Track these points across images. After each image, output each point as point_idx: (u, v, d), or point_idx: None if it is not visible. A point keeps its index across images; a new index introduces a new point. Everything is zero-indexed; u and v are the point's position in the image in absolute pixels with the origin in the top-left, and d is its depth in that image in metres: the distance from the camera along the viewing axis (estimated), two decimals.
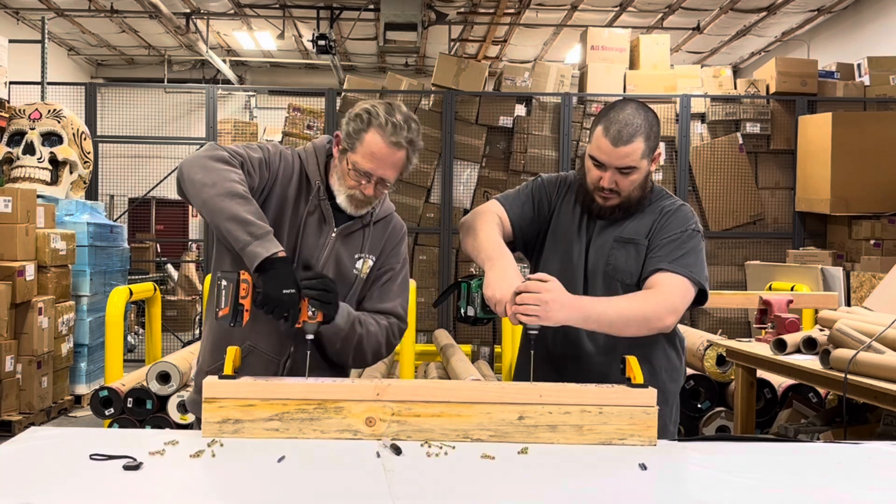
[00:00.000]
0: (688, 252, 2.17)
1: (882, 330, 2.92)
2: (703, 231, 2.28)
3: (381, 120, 2.08)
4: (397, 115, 2.10)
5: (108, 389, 4.26)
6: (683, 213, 2.26)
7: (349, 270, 2.22)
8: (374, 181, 2.11)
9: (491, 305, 2.06)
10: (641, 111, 2.18)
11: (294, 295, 1.94)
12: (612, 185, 2.17)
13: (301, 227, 2.17)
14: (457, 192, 7.71)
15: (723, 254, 7.76)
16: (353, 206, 2.16)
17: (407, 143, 2.10)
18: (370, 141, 2.08)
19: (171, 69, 13.69)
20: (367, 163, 2.09)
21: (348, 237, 2.22)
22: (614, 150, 2.13)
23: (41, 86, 7.58)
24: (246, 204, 1.99)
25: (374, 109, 2.11)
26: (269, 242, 1.95)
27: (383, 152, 2.08)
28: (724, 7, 10.02)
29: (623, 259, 2.22)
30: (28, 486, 1.54)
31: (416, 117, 2.16)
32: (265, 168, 2.16)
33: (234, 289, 1.92)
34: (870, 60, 7.99)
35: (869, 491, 1.63)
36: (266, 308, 1.94)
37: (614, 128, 2.13)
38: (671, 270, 2.13)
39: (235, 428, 1.87)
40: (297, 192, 2.20)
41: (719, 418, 4.20)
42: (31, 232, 5.72)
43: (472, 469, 1.70)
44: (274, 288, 1.92)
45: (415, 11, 9.21)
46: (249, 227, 1.95)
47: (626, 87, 7.85)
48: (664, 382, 2.25)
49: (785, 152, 7.75)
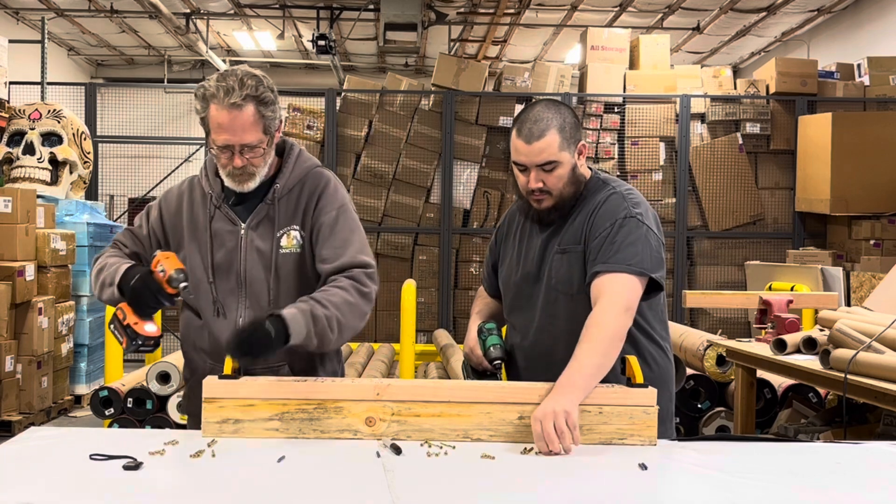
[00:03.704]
0: (622, 244, 2.06)
1: (882, 330, 2.92)
2: (644, 212, 2.14)
3: (213, 90, 2.04)
4: (229, 79, 2.05)
5: (108, 389, 4.26)
6: (612, 203, 2.14)
7: (271, 254, 2.15)
8: (237, 150, 2.06)
9: (472, 361, 2.31)
10: (552, 106, 2.15)
11: (141, 275, 2.04)
12: (538, 185, 2.12)
13: (210, 239, 2.17)
14: (457, 192, 7.71)
15: (723, 254, 7.76)
16: (236, 184, 2.12)
17: (246, 100, 2.03)
18: (213, 115, 2.05)
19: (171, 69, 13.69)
20: (220, 136, 2.05)
21: (259, 225, 2.17)
22: (528, 147, 2.10)
23: (41, 86, 7.58)
24: (101, 274, 2.15)
25: (207, 83, 2.08)
26: (116, 275, 2.09)
27: (227, 119, 2.03)
28: (724, 7, 10.02)
29: (562, 269, 2.16)
30: (28, 486, 1.54)
31: (257, 72, 2.10)
32: (140, 229, 2.27)
33: (118, 322, 2.05)
34: (870, 60, 7.98)
35: (869, 491, 1.63)
36: (140, 305, 2.03)
37: (525, 127, 2.12)
38: (607, 271, 2.05)
39: (235, 428, 1.87)
40: (193, 211, 2.21)
41: (719, 418, 4.20)
42: (31, 232, 5.72)
43: (472, 469, 1.70)
44: (127, 290, 2.05)
45: (415, 11, 9.21)
46: (107, 283, 2.11)
47: (626, 87, 7.85)
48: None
49: (785, 152, 7.75)
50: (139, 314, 2.02)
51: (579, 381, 1.90)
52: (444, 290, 7.61)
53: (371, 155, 7.65)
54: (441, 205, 7.69)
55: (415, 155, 7.67)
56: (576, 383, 1.89)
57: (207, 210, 2.19)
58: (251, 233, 2.17)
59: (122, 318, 2.02)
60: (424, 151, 7.68)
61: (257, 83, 2.06)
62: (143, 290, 2.01)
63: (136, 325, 2.00)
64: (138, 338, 2.01)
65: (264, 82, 2.09)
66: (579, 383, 1.89)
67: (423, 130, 7.69)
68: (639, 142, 7.72)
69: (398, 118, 7.67)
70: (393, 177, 7.67)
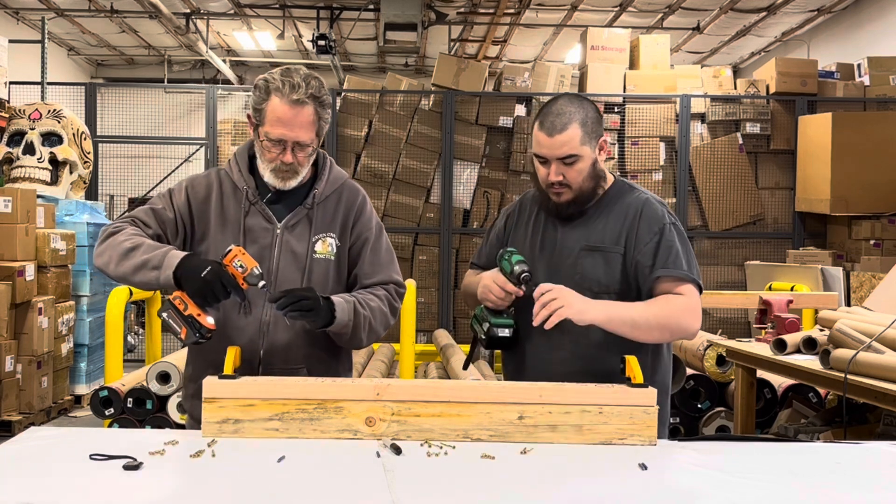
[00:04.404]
0: (675, 252, 2.15)
1: (882, 330, 2.92)
2: (677, 219, 2.25)
3: (278, 83, 2.07)
4: (294, 76, 2.09)
5: (108, 389, 4.26)
6: (652, 209, 2.21)
7: (306, 257, 2.18)
8: (290, 146, 2.09)
9: (488, 300, 2.18)
10: (575, 101, 2.19)
11: (213, 267, 1.97)
12: (559, 178, 2.15)
13: (243, 234, 2.16)
14: (457, 192, 7.71)
15: (723, 254, 7.76)
16: (278, 180, 2.14)
17: (309, 98, 2.08)
18: (273, 107, 2.07)
19: (171, 69, 13.68)
20: (275, 129, 2.08)
21: (295, 227, 2.19)
22: (550, 140, 2.13)
23: (41, 86, 7.57)
24: (137, 251, 2.05)
25: (270, 76, 2.11)
26: (170, 259, 2.01)
27: (288, 114, 2.07)
28: (724, 7, 10.01)
29: (591, 267, 2.18)
30: (28, 486, 1.54)
31: (318, 75, 2.15)
32: (164, 212, 2.19)
33: (175, 310, 1.97)
34: (870, 60, 7.98)
35: (869, 491, 1.64)
36: (206, 297, 1.96)
37: (548, 119, 2.15)
38: (672, 276, 2.13)
39: (235, 428, 1.87)
40: (223, 205, 2.19)
41: (719, 418, 4.20)
42: (31, 232, 5.72)
43: (472, 469, 1.70)
44: (193, 279, 1.96)
45: (415, 11, 9.20)
46: (150, 264, 2.02)
47: (626, 87, 7.85)
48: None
49: (785, 152, 7.75)
50: (201, 305, 1.97)
51: (612, 310, 2.07)
52: (444, 290, 7.61)
53: (371, 155, 7.65)
54: (441, 205, 7.69)
55: (415, 155, 7.67)
56: (608, 309, 2.07)
57: (241, 205, 2.18)
58: (287, 233, 2.18)
59: (183, 308, 1.96)
60: (424, 151, 7.68)
61: (319, 85, 2.12)
62: (215, 283, 1.95)
63: (200, 316, 1.96)
64: (202, 329, 1.96)
65: (325, 86, 2.14)
66: (610, 311, 2.06)
67: (423, 130, 7.69)
68: (639, 142, 7.72)
69: (398, 118, 7.67)
70: (393, 177, 7.67)
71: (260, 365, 2.15)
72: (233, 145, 8.56)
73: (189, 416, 2.32)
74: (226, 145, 8.51)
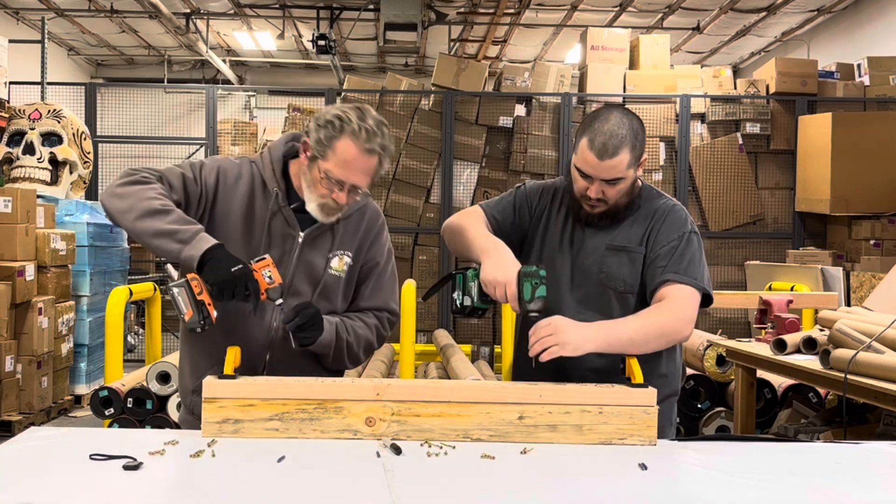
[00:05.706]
0: (690, 259, 2.17)
1: (882, 330, 2.92)
2: (697, 229, 2.27)
3: (355, 126, 2.01)
4: (369, 121, 2.04)
5: (108, 389, 4.26)
6: (677, 214, 2.25)
7: (322, 272, 2.17)
8: (347, 188, 2.06)
9: (490, 291, 2.05)
10: (626, 120, 2.13)
11: (244, 267, 1.94)
12: (598, 195, 2.15)
13: (266, 236, 2.13)
14: (457, 192, 7.71)
15: (723, 254, 7.76)
16: (324, 215, 2.11)
17: (380, 149, 2.05)
18: (344, 148, 2.02)
19: (171, 69, 13.68)
20: (340, 171, 2.03)
21: (317, 239, 2.18)
22: (600, 163, 2.10)
23: (41, 86, 7.57)
24: (166, 216, 1.97)
25: (346, 115, 2.03)
26: (200, 241, 1.95)
27: (358, 160, 2.03)
28: (724, 7, 10.01)
29: (616, 266, 2.20)
30: (28, 486, 1.54)
31: (386, 121, 2.11)
32: (193, 183, 2.12)
33: (188, 290, 1.94)
34: (870, 60, 7.98)
35: (869, 491, 1.64)
36: (225, 291, 1.92)
37: (599, 140, 2.09)
38: (678, 281, 2.13)
39: (235, 428, 1.87)
40: (250, 200, 2.15)
41: (719, 418, 4.20)
42: (31, 232, 5.72)
43: (472, 469, 1.70)
44: (222, 271, 1.91)
45: (415, 11, 9.21)
46: (176, 236, 1.95)
47: (626, 87, 7.85)
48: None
49: (785, 152, 7.75)
50: (213, 296, 1.95)
51: (610, 334, 2.02)
52: (444, 290, 7.59)
53: None
54: (441, 205, 7.69)
55: (415, 155, 7.67)
56: (607, 334, 2.02)
57: (269, 206, 2.15)
58: (307, 244, 2.17)
59: (199, 291, 1.94)
60: (424, 151, 7.68)
61: (391, 136, 2.10)
62: (240, 283, 1.92)
63: (210, 305, 1.94)
64: (207, 318, 1.94)
65: (391, 135, 2.12)
66: (609, 335, 2.02)
67: (423, 130, 7.69)
68: None
69: (398, 118, 7.67)
70: (393, 177, 7.67)
71: (264, 372, 2.15)
72: (233, 145, 8.56)
73: (189, 412, 2.27)
74: (225, 145, 8.51)
